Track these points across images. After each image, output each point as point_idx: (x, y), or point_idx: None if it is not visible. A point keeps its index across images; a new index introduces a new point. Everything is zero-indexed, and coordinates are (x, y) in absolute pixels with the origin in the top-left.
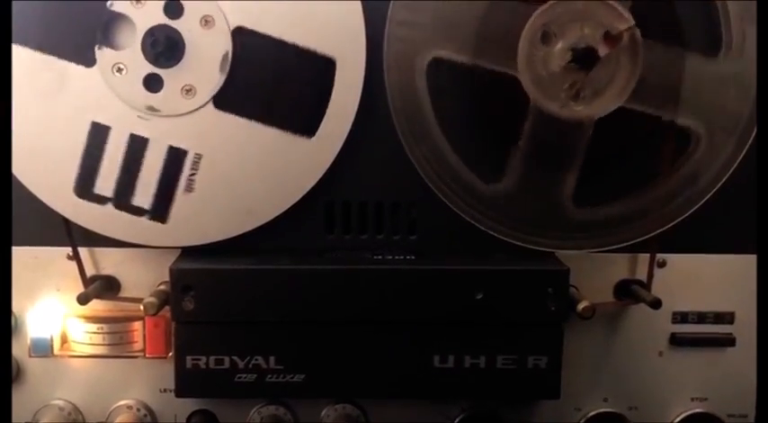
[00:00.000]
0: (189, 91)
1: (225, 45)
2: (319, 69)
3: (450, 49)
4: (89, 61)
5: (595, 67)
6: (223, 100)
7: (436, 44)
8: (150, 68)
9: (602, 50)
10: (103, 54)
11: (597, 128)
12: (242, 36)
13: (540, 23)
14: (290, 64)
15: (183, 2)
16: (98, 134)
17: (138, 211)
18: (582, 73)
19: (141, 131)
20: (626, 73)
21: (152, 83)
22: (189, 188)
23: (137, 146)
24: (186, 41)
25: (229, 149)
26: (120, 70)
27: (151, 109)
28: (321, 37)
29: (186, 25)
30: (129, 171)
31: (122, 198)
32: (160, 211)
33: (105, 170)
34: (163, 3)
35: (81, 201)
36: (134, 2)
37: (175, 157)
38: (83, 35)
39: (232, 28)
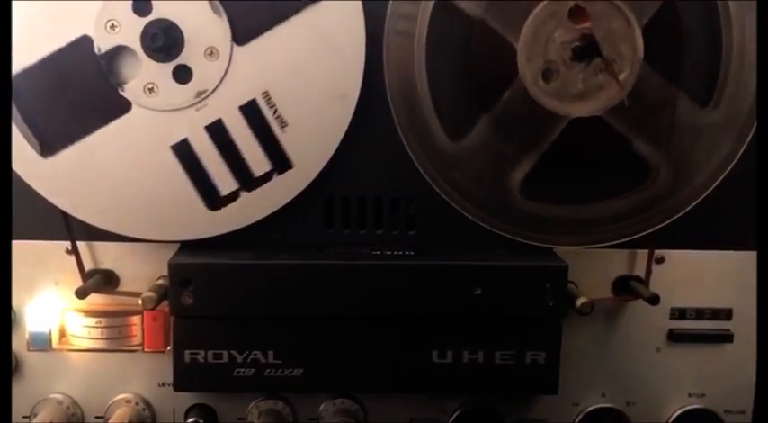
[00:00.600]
0: (211, 53)
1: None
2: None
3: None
4: (125, 107)
5: (591, 70)
6: (242, 36)
7: None
8: (167, 66)
9: (600, 66)
10: (129, 90)
11: (569, 127)
12: None
13: (556, 9)
14: None
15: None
16: (183, 150)
17: (267, 178)
18: (577, 69)
19: (209, 117)
20: (616, 87)
21: (180, 75)
22: (283, 124)
23: (217, 131)
24: (181, 28)
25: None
26: (151, 90)
27: (199, 94)
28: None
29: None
30: (231, 154)
31: (247, 179)
32: (280, 160)
33: (215, 171)
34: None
35: (219, 211)
36: (109, 30)
37: (251, 111)
38: (102, 94)
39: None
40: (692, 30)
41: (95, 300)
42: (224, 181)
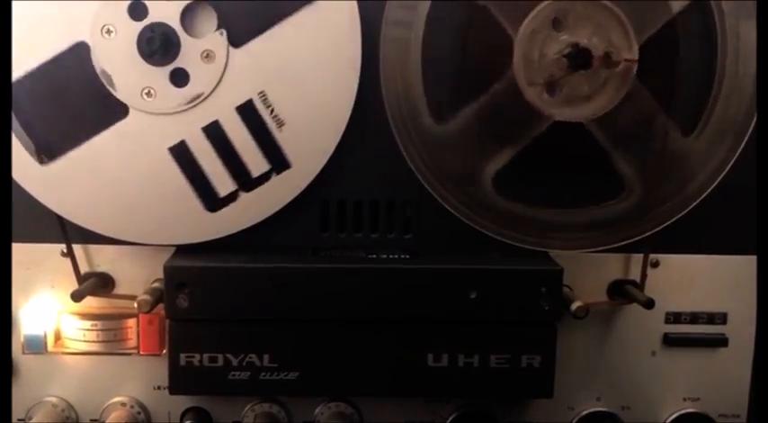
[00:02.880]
0: (207, 56)
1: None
2: None
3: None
4: (122, 112)
5: (582, 75)
6: (238, 38)
7: None
8: (164, 69)
9: (596, 63)
10: (125, 94)
11: (551, 129)
12: None
13: (557, 8)
14: None
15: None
16: (181, 152)
17: (265, 178)
18: (568, 72)
19: (206, 119)
20: (605, 98)
21: (178, 78)
22: (280, 123)
23: (214, 132)
24: (177, 32)
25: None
26: (148, 94)
27: (197, 98)
28: None
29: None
30: (229, 155)
31: (245, 180)
32: (278, 160)
33: (212, 172)
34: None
35: (215, 215)
36: (105, 35)
37: (247, 111)
38: (99, 99)
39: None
40: (687, 57)
41: (91, 303)
42: (222, 182)
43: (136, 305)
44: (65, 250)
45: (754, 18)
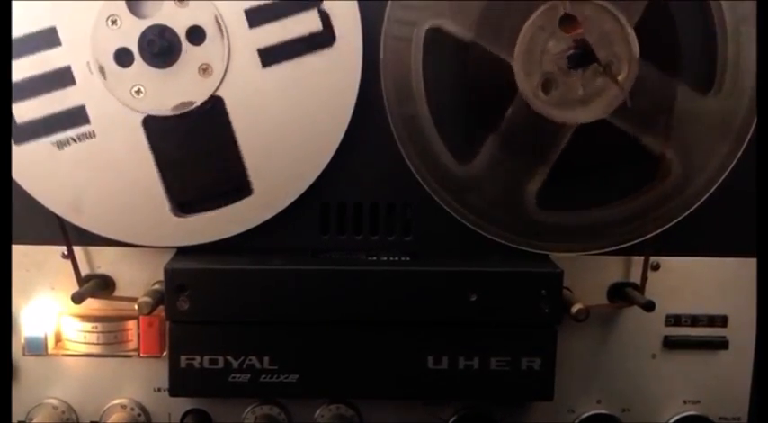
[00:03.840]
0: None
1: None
2: None
3: (452, 21)
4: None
5: (589, 74)
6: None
7: (438, 14)
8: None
9: (598, 69)
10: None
11: (576, 134)
12: None
13: (546, 20)
14: None
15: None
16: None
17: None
18: (575, 76)
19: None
20: (597, 107)
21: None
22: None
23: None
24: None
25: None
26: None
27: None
28: None
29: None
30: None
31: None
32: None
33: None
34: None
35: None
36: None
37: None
38: None
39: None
40: (684, 19)
41: (91, 305)
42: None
43: (136, 307)
44: (65, 252)
45: None
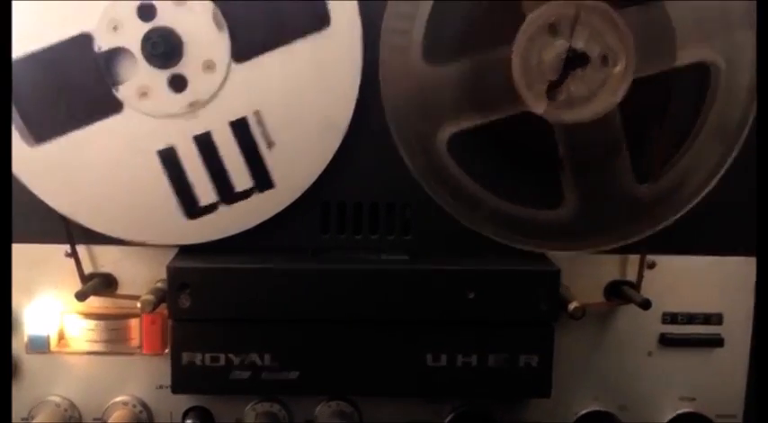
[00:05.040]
0: (209, 67)
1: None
2: None
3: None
4: (116, 107)
5: (579, 78)
6: (241, 54)
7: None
8: (164, 73)
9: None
10: (123, 91)
11: (577, 134)
12: None
13: (552, 15)
14: None
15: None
16: (168, 158)
17: (246, 195)
18: (577, 76)
19: (199, 128)
20: (604, 99)
21: (176, 84)
22: (270, 143)
23: (205, 143)
24: (181, 36)
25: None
26: (144, 94)
27: (193, 105)
28: None
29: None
30: (215, 167)
31: (227, 193)
32: (262, 179)
33: (196, 181)
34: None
35: (196, 220)
36: (112, 31)
37: (240, 127)
38: (94, 93)
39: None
40: (678, 101)
41: (94, 303)
42: (204, 192)
43: (139, 305)
44: (68, 251)
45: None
